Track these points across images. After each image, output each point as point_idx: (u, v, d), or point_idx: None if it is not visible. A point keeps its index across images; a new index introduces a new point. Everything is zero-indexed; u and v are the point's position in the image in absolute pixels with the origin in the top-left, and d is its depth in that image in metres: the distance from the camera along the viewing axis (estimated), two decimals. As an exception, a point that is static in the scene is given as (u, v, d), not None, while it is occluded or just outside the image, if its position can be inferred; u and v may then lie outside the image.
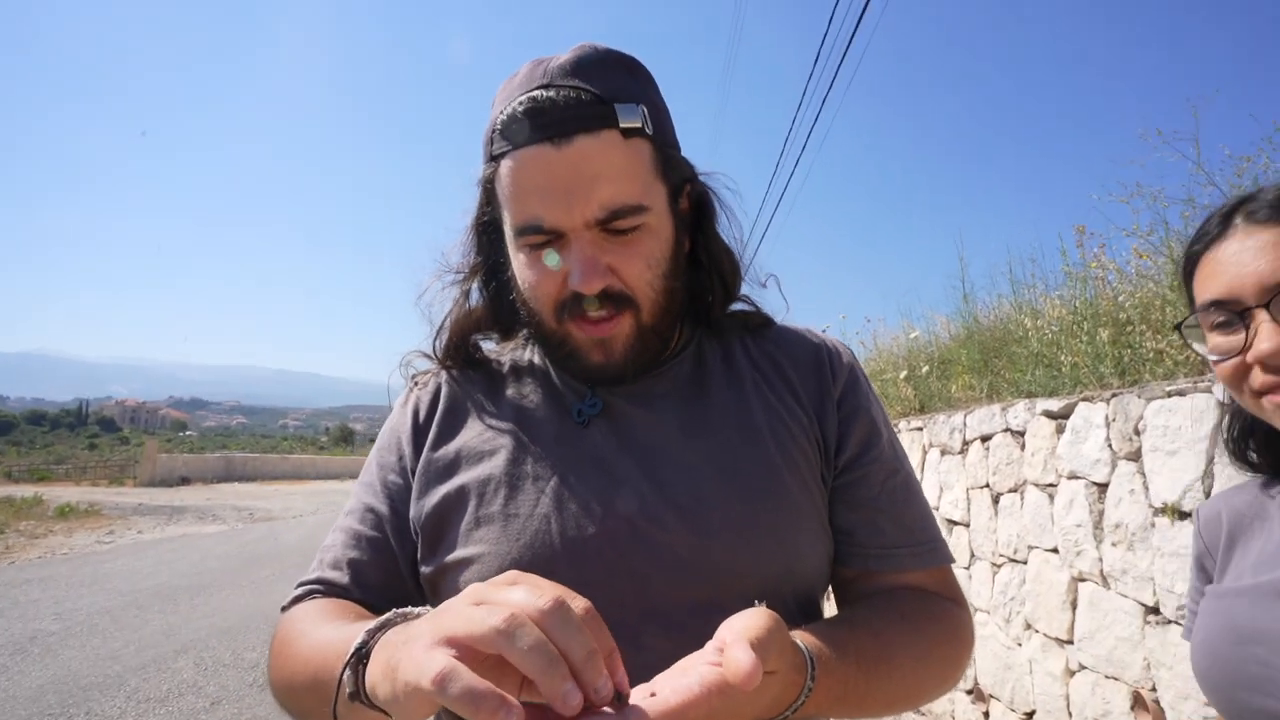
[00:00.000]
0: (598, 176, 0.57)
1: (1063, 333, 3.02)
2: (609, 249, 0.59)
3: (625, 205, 0.58)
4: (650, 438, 0.65)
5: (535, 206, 0.58)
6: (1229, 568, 0.73)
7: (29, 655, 4.40)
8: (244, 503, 15.96)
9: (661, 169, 0.62)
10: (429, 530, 0.65)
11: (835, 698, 0.50)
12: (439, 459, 0.68)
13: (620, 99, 0.59)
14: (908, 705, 0.61)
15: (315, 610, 0.61)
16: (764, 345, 0.73)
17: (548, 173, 0.57)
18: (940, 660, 0.61)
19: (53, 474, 26.11)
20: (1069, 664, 2.35)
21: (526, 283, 0.63)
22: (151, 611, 5.56)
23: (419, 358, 0.76)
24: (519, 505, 0.62)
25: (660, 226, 0.62)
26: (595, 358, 0.63)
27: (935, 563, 0.66)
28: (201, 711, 3.55)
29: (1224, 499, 0.78)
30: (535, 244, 0.60)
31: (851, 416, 0.68)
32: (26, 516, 11.52)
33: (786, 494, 0.62)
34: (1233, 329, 0.63)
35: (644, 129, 0.59)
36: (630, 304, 0.61)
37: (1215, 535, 0.76)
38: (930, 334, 4.92)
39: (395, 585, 0.65)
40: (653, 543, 0.59)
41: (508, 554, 0.60)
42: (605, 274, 0.59)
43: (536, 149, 0.57)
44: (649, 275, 0.61)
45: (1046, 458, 2.52)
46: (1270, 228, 0.62)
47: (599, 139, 0.57)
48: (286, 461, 31.67)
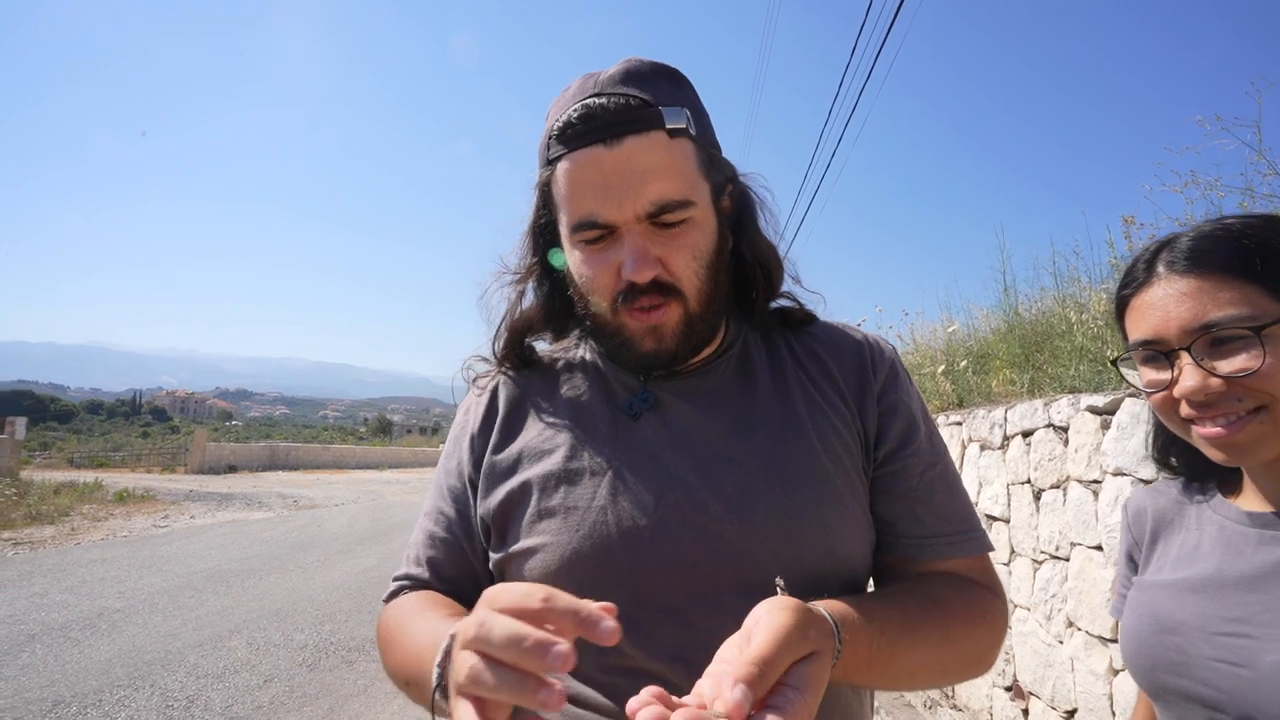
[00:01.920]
0: (646, 174, 0.62)
1: (1109, 327, 2.95)
2: (658, 241, 0.64)
3: (672, 200, 0.62)
4: (698, 431, 0.68)
5: (590, 204, 0.63)
6: (1151, 561, 0.82)
7: (97, 630, 4.67)
8: (288, 490, 16.54)
9: (705, 168, 0.66)
10: (497, 523, 0.70)
11: (863, 662, 0.52)
12: (502, 460, 0.72)
13: (666, 103, 0.64)
14: (931, 682, 0.65)
15: (410, 604, 0.69)
16: (807, 341, 0.76)
17: (601, 172, 0.62)
18: (967, 641, 0.63)
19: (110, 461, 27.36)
20: (1113, 663, 2.31)
21: (584, 277, 0.67)
22: (206, 593, 5.83)
23: (479, 361, 0.81)
24: (578, 498, 0.66)
25: (705, 221, 0.66)
26: (648, 345, 0.67)
27: (972, 551, 0.68)
28: (255, 689, 3.73)
29: (1149, 497, 0.86)
30: (590, 239, 0.65)
31: (891, 411, 0.71)
32: (89, 500, 12.16)
33: (828, 484, 0.65)
34: (1160, 365, 0.71)
35: (688, 130, 0.64)
36: (677, 293, 0.65)
37: (1141, 530, 0.85)
38: (969, 328, 4.83)
39: (468, 576, 0.73)
40: (701, 530, 0.62)
41: (568, 544, 0.64)
42: (655, 264, 0.63)
43: (590, 151, 0.62)
44: (695, 265, 0.65)
45: (1091, 454, 2.48)
46: (1187, 277, 0.68)
47: (647, 139, 0.62)
48: (328, 451, 32.60)
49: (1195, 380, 0.67)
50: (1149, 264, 0.73)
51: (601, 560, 0.63)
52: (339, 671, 4.07)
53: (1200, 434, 0.69)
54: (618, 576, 0.62)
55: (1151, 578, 0.80)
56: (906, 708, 3.65)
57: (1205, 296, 0.67)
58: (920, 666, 0.60)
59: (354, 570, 6.96)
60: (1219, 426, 0.67)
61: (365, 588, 6.14)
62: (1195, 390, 0.67)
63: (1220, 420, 0.67)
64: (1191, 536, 0.78)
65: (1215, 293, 0.66)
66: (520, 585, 0.44)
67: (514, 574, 0.67)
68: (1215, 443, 0.68)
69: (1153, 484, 0.89)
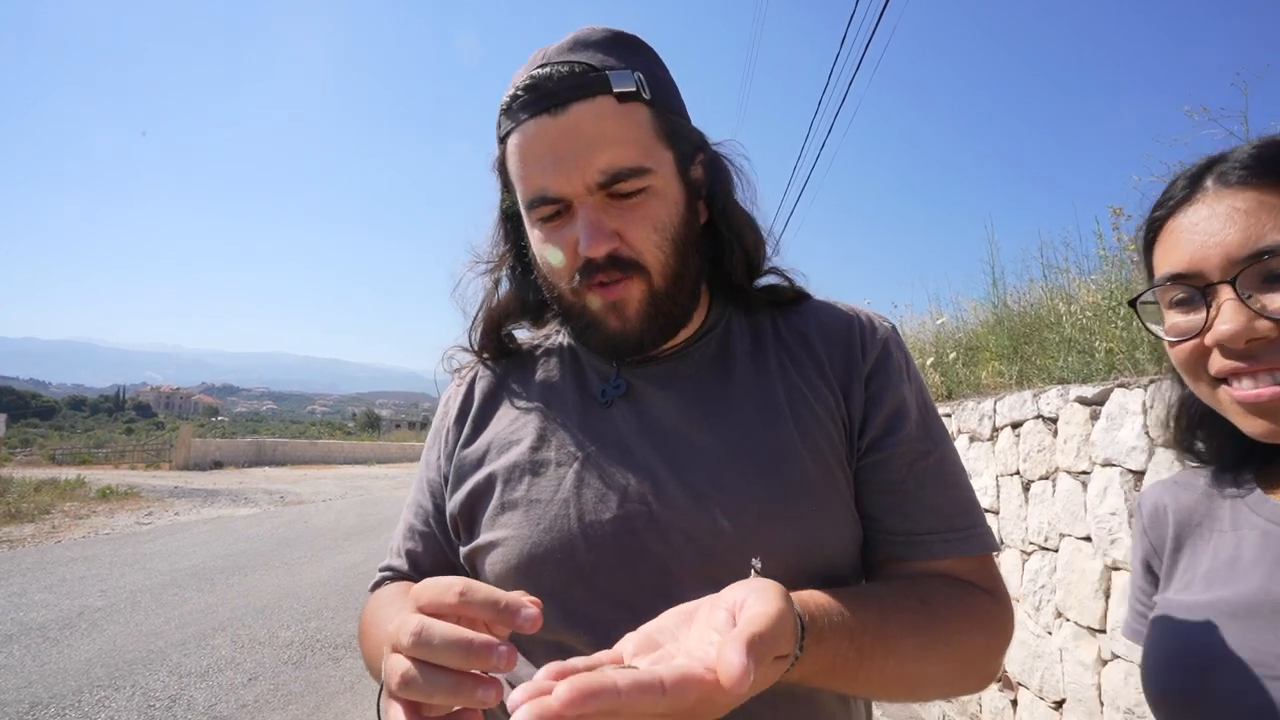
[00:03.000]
0: (594, 141, 0.58)
1: (1097, 318, 2.95)
2: (614, 214, 0.60)
3: (625, 168, 0.59)
4: (669, 420, 0.65)
5: (539, 177, 0.60)
6: (1176, 574, 0.67)
7: (77, 629, 4.59)
8: (275, 486, 16.38)
9: (666, 136, 0.63)
10: (464, 516, 0.69)
11: (822, 669, 0.48)
12: (471, 452, 0.71)
13: (615, 68, 0.60)
14: (913, 694, 0.60)
15: (386, 595, 0.69)
16: (795, 321, 0.71)
17: (547, 142, 0.59)
18: (957, 653, 0.57)
19: (93, 457, 27.02)
20: (1101, 653, 2.31)
21: (544, 257, 0.64)
22: (190, 590, 5.75)
23: (459, 351, 0.79)
24: (541, 490, 0.64)
25: (666, 191, 0.62)
26: (612, 324, 0.63)
27: (969, 550, 0.62)
28: (239, 686, 3.68)
29: (1169, 492, 0.71)
30: (546, 216, 0.62)
31: (879, 394, 0.65)
32: (70, 498, 11.97)
33: (805, 476, 0.61)
34: (1193, 307, 0.56)
35: (639, 93, 0.60)
36: (639, 269, 0.61)
37: (1161, 534, 0.70)
38: (958, 320, 4.84)
39: (444, 569, 0.72)
40: (668, 526, 0.59)
41: (529, 538, 0.62)
42: (611, 238, 0.60)
43: (535, 122, 0.59)
44: (656, 239, 0.61)
45: (1080, 445, 2.48)
46: (1243, 191, 0.54)
47: (594, 105, 0.59)
48: (315, 447, 32.35)
49: (1237, 322, 0.52)
50: (1194, 179, 0.58)
51: (562, 555, 0.60)
52: (325, 668, 4.02)
53: (1234, 397, 0.55)
54: (579, 572, 0.60)
55: (1178, 596, 0.64)
56: (895, 699, 3.66)
57: (1265, 214, 0.52)
58: (894, 680, 0.55)
59: (341, 566, 6.89)
60: (1262, 386, 0.52)
61: (352, 584, 6.08)
62: (1236, 334, 0.52)
63: (1265, 378, 0.52)
64: (1227, 543, 0.63)
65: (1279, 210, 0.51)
66: (438, 580, 0.42)
67: (480, 568, 0.66)
68: (1254, 407, 0.53)
69: (1173, 476, 0.74)
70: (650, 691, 0.34)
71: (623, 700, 0.33)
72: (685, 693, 0.35)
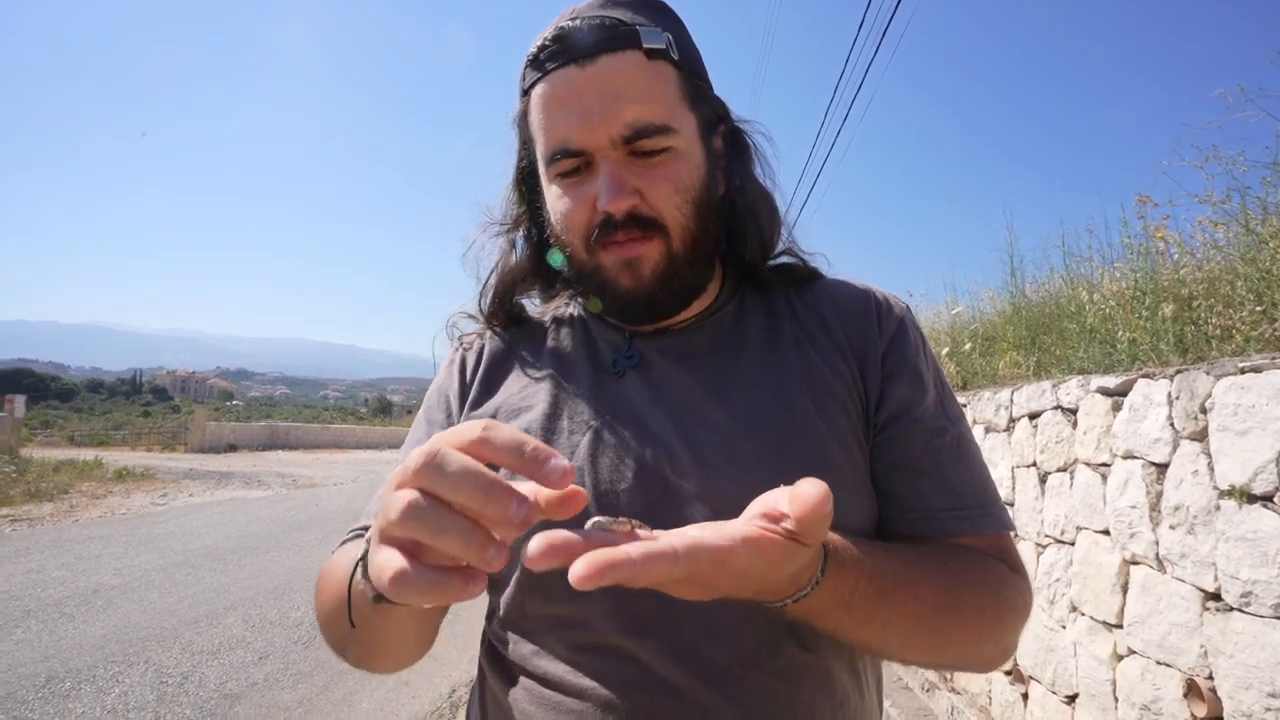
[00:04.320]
0: (622, 94, 0.58)
1: (1120, 308, 2.87)
2: (637, 171, 0.59)
3: (650, 124, 0.58)
4: (683, 393, 0.63)
5: (562, 129, 0.59)
6: None
7: (93, 606, 4.66)
8: (287, 470, 16.56)
9: (690, 98, 0.62)
10: None
11: (840, 600, 0.47)
12: (480, 415, 0.69)
13: (644, 25, 0.60)
14: (931, 652, 0.57)
15: (350, 546, 0.64)
16: (809, 298, 0.70)
17: (573, 92, 0.58)
18: (978, 615, 0.56)
19: (111, 439, 27.46)
20: (1117, 648, 2.27)
21: (559, 213, 0.63)
22: (203, 570, 5.83)
23: (464, 318, 0.77)
24: None
25: (690, 153, 0.61)
26: (624, 282, 0.61)
27: (988, 529, 0.61)
28: (250, 665, 3.72)
29: None
30: (566, 170, 0.61)
31: (896, 371, 0.64)
32: (88, 478, 12.17)
33: (822, 452, 0.59)
34: None
35: (669, 53, 0.60)
36: (659, 228, 0.60)
37: None
38: (974, 310, 4.76)
39: None
40: (684, 498, 0.58)
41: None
42: (632, 194, 0.59)
43: (562, 72, 0.59)
44: (677, 199, 0.60)
45: (1100, 436, 2.42)
46: None
47: (622, 58, 0.58)
48: (328, 431, 32.69)
49: None
50: None
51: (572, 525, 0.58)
52: (335, 649, 4.06)
53: None
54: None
55: None
56: (904, 690, 3.63)
57: None
58: (912, 631, 0.53)
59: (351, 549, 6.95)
60: None
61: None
62: None
63: None
64: None
65: None
66: (462, 425, 0.38)
67: None
68: None
69: None
70: (663, 559, 0.35)
71: (636, 570, 0.34)
72: (697, 556, 0.36)
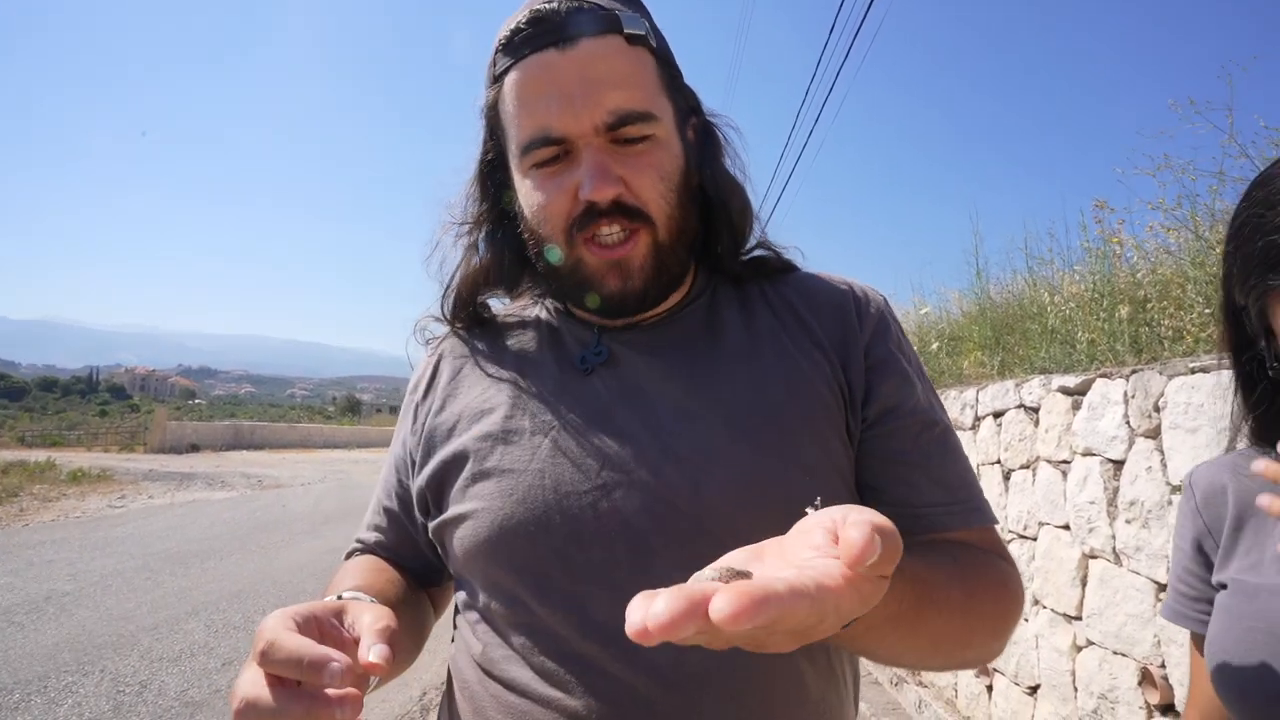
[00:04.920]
0: (605, 80, 0.56)
1: (1080, 309, 2.96)
2: (619, 159, 0.57)
3: (634, 110, 0.57)
4: (654, 387, 0.62)
5: (542, 115, 0.57)
6: (1236, 554, 0.67)
7: (44, 614, 4.48)
8: (252, 470, 16.16)
9: (667, 86, 0.61)
10: (433, 490, 0.65)
11: (890, 615, 0.43)
12: (441, 424, 0.67)
13: (622, 10, 0.58)
14: (951, 656, 0.57)
15: (351, 568, 0.67)
16: (784, 291, 0.68)
17: (553, 77, 0.56)
18: (992, 606, 0.55)
19: (65, 440, 26.45)
20: (1076, 640, 2.34)
21: (535, 206, 0.60)
22: (163, 574, 5.65)
23: (432, 321, 0.76)
24: (515, 460, 0.60)
25: (670, 142, 0.60)
26: (612, 284, 0.60)
27: (978, 522, 0.60)
28: (213, 671, 3.62)
29: (1227, 474, 0.71)
30: (543, 160, 0.58)
31: (881, 365, 0.63)
32: (40, 480, 11.69)
33: (798, 446, 0.58)
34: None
35: (648, 39, 0.59)
36: (644, 218, 0.58)
37: (1218, 515, 0.70)
38: (941, 310, 4.87)
39: (410, 544, 0.71)
40: (649, 495, 0.56)
41: (500, 510, 0.59)
42: (616, 182, 0.57)
43: (541, 56, 0.56)
44: (661, 188, 0.59)
45: (1061, 434, 2.49)
46: None
47: (604, 43, 0.56)
48: (294, 430, 31.98)
49: None
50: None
51: (535, 528, 0.57)
52: (301, 654, 3.98)
53: None
54: (553, 546, 0.57)
55: (1256, 579, 0.63)
56: (873, 685, 3.70)
57: None
58: (944, 633, 0.51)
59: (320, 550, 6.81)
60: None
61: (331, 568, 5.97)
62: None
63: None
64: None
65: None
66: (261, 629, 0.43)
67: (449, 542, 0.63)
68: None
69: (1228, 457, 0.73)
70: (805, 598, 0.28)
71: (785, 608, 0.27)
72: (824, 601, 0.29)
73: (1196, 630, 0.72)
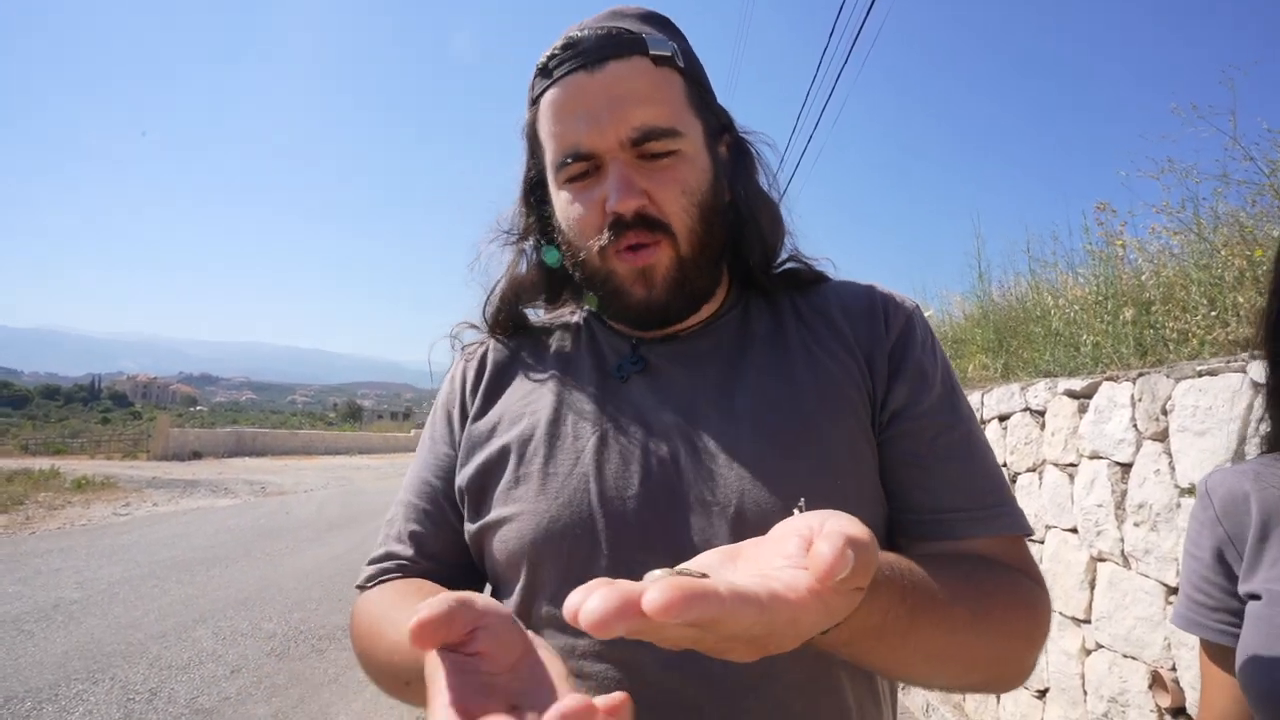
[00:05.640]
0: (629, 98, 0.59)
1: (1083, 312, 2.98)
2: (644, 174, 0.61)
3: (657, 127, 0.60)
4: (688, 396, 0.64)
5: (572, 134, 0.61)
6: (1262, 564, 0.65)
7: (53, 622, 4.49)
8: (255, 477, 16.16)
9: (696, 105, 0.64)
10: (473, 492, 0.66)
11: (873, 627, 0.42)
12: (483, 425, 0.69)
13: (650, 34, 0.62)
14: (956, 678, 0.55)
15: (389, 597, 0.63)
16: (814, 300, 0.70)
17: (583, 97, 0.60)
18: (1005, 629, 0.53)
19: (67, 447, 26.47)
20: (1085, 643, 2.35)
21: (570, 219, 0.64)
22: (170, 582, 5.66)
23: (467, 329, 0.78)
24: (558, 464, 0.62)
25: (696, 157, 0.63)
26: (638, 292, 0.62)
27: (998, 530, 0.58)
28: (221, 679, 3.63)
29: (1248, 480, 0.69)
30: (575, 175, 0.62)
31: (900, 368, 0.64)
32: (44, 488, 11.71)
33: (830, 452, 0.59)
34: None
35: (674, 60, 0.62)
36: (666, 230, 0.61)
37: (1241, 524, 0.68)
38: (944, 313, 4.88)
39: (455, 552, 0.68)
40: (692, 503, 0.58)
41: (546, 512, 0.60)
42: (640, 195, 0.60)
43: (571, 78, 0.61)
44: (684, 202, 0.61)
45: (1067, 437, 2.50)
46: None
47: (630, 64, 0.60)
48: (296, 437, 31.97)
49: None
50: None
51: (581, 531, 0.59)
52: (309, 660, 3.98)
53: None
54: (597, 550, 0.58)
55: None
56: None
57: None
58: (944, 652, 0.49)
59: (324, 557, 6.82)
60: None
61: (336, 575, 6.01)
62: None
63: None
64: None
65: None
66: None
67: (488, 546, 0.63)
68: None
69: (1246, 465, 0.72)
70: (751, 604, 0.28)
71: (725, 609, 0.27)
72: (778, 612, 0.29)
73: (1215, 640, 0.70)
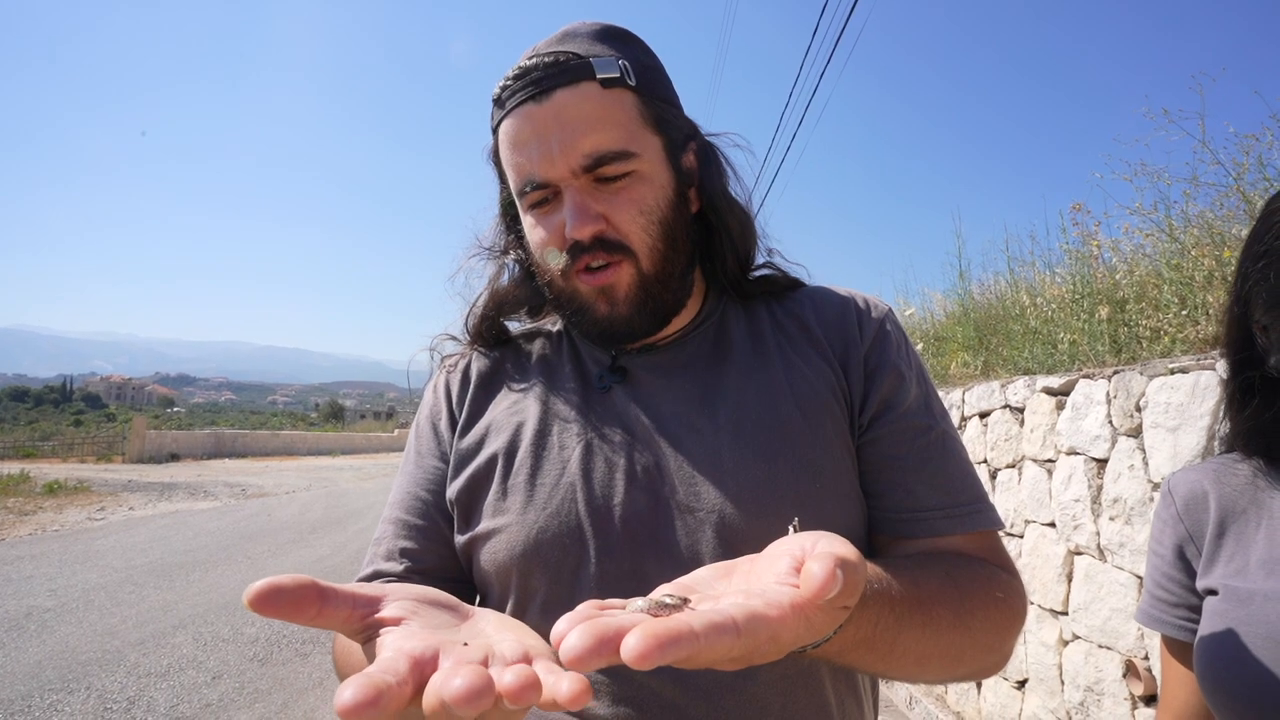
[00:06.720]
0: (579, 125, 0.59)
1: (1060, 310, 3.03)
2: (600, 198, 0.61)
3: (609, 151, 0.60)
4: (669, 406, 0.65)
5: (527, 164, 0.61)
6: (1219, 561, 0.67)
7: (25, 631, 4.39)
8: (235, 479, 15.93)
9: (653, 122, 0.64)
10: (462, 505, 0.67)
11: (861, 639, 0.44)
12: (470, 437, 0.69)
13: (599, 56, 0.61)
14: (942, 673, 0.57)
15: None
16: (790, 306, 0.71)
17: (533, 128, 0.60)
18: (986, 624, 0.55)
19: (38, 451, 25.86)
20: (1063, 634, 2.40)
21: (535, 243, 0.65)
22: (148, 588, 5.56)
23: (447, 340, 0.78)
24: (545, 475, 0.63)
25: (654, 175, 0.63)
26: (600, 309, 0.63)
27: (974, 526, 0.60)
28: (203, 686, 3.57)
29: (1208, 480, 0.71)
30: (535, 202, 0.63)
31: (877, 371, 0.65)
32: (14, 493, 11.44)
33: (810, 457, 0.60)
34: None
35: (624, 79, 0.62)
36: (626, 251, 0.62)
37: (1199, 520, 0.70)
38: (925, 311, 4.94)
39: (449, 566, 0.68)
40: (676, 510, 0.59)
41: (534, 523, 0.61)
42: (597, 220, 0.60)
43: (522, 109, 0.61)
44: (643, 221, 0.62)
45: (1046, 434, 2.55)
46: None
47: (577, 90, 0.60)
48: (277, 438, 31.55)
49: None
50: None
51: (569, 540, 0.60)
52: (292, 665, 3.93)
53: None
54: (585, 559, 0.59)
55: (1246, 584, 0.63)
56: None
57: None
58: (930, 652, 0.51)
59: (307, 560, 6.74)
60: None
61: (320, 577, 5.91)
62: None
63: None
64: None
65: None
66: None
67: (478, 557, 0.64)
68: None
69: (1207, 463, 0.73)
70: (726, 632, 0.31)
71: (699, 646, 0.30)
72: (757, 631, 0.32)
73: (1174, 635, 0.72)
